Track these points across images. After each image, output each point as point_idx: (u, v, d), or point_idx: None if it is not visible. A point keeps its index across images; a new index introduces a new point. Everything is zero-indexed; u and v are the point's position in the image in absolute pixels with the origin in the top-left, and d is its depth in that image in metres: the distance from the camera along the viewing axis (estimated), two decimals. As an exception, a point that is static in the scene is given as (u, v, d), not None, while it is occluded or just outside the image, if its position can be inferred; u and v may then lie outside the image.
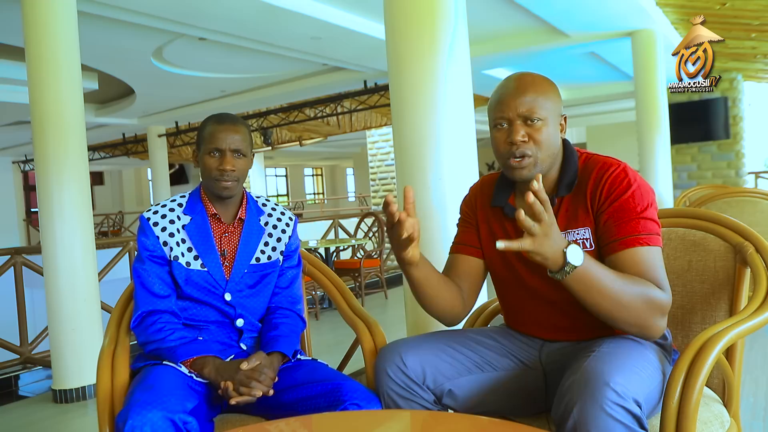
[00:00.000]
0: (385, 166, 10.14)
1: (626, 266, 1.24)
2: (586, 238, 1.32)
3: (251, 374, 1.39)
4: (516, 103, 1.31)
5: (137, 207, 19.29)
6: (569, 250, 1.14)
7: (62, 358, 3.39)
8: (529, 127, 1.31)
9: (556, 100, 1.35)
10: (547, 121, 1.32)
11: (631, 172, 1.31)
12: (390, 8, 2.42)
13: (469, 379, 1.37)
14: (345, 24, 5.26)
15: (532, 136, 1.31)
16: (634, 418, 1.06)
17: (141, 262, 1.54)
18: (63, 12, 3.34)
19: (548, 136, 1.32)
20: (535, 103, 1.30)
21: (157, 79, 7.23)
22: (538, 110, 1.30)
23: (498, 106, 1.34)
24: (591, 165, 1.36)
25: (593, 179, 1.33)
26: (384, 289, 6.31)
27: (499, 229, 1.45)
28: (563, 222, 1.35)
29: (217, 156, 1.54)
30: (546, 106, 1.32)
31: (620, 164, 1.33)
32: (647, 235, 1.26)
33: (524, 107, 1.30)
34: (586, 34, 6.06)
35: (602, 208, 1.30)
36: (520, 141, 1.30)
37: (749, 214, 3.67)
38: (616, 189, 1.29)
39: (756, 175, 9.94)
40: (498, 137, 1.35)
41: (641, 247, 1.25)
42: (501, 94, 1.35)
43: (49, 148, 3.31)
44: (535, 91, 1.32)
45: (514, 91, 1.32)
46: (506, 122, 1.33)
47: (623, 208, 1.27)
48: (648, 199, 1.28)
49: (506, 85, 1.36)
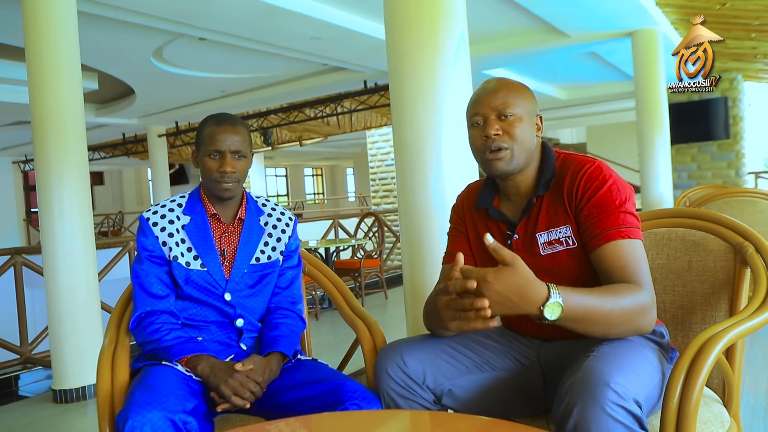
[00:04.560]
0: (385, 166, 10.13)
1: (609, 260, 1.26)
2: (568, 236, 1.34)
3: (244, 382, 1.39)
4: (490, 99, 1.37)
5: (137, 207, 19.29)
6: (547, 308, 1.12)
7: (62, 358, 3.39)
8: (503, 122, 1.36)
9: (531, 101, 1.40)
10: (521, 117, 1.36)
11: (606, 169, 1.33)
12: (390, 8, 2.42)
13: (469, 379, 1.37)
14: (345, 24, 5.26)
15: (506, 131, 1.35)
16: (634, 418, 1.06)
17: (140, 263, 1.54)
18: (63, 12, 3.34)
19: (523, 132, 1.36)
20: (508, 98, 1.36)
21: (157, 79, 7.23)
22: (511, 106, 1.36)
23: (474, 105, 1.41)
24: (567, 164, 1.38)
25: (569, 177, 1.35)
26: (384, 289, 6.30)
27: (484, 231, 1.45)
28: (544, 221, 1.37)
29: (217, 158, 1.55)
30: (519, 103, 1.37)
31: (595, 161, 1.35)
32: (628, 228, 1.27)
33: (498, 101, 1.36)
34: (586, 34, 6.06)
35: (580, 205, 1.31)
36: (493, 134, 1.35)
37: (749, 214, 3.67)
38: (592, 185, 1.31)
39: (756, 175, 9.95)
40: (474, 134, 1.40)
41: (623, 240, 1.26)
42: (476, 95, 1.42)
43: (49, 148, 3.31)
44: (508, 90, 1.38)
45: (489, 90, 1.39)
46: (481, 119, 1.38)
47: (601, 203, 1.29)
48: (625, 194, 1.30)
49: (482, 87, 1.42)
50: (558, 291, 1.14)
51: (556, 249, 1.35)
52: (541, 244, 1.36)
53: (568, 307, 1.14)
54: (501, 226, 1.44)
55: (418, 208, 2.34)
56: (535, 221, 1.38)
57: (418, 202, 2.35)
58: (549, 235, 1.35)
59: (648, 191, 5.92)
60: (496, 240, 1.35)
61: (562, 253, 1.34)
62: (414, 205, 2.36)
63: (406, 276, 2.40)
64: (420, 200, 2.33)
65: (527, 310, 1.13)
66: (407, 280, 2.39)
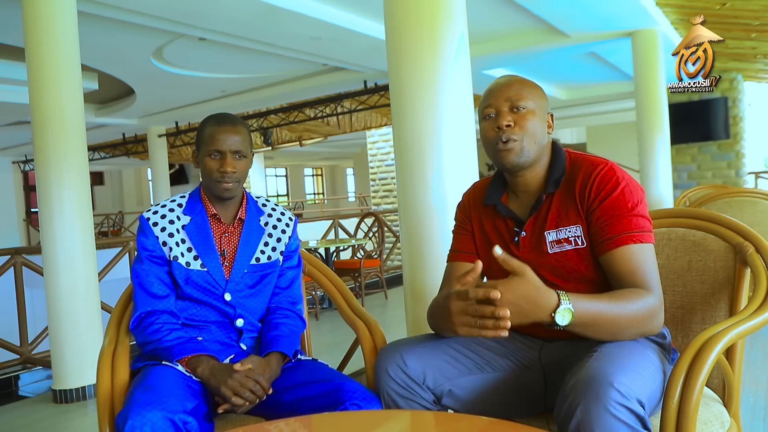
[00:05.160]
0: (385, 166, 10.13)
1: (619, 265, 1.26)
2: (578, 236, 1.34)
3: (244, 381, 1.39)
4: (503, 91, 1.38)
5: (137, 207, 19.29)
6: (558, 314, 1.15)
7: (62, 358, 3.39)
8: (516, 114, 1.36)
9: (543, 97, 1.41)
10: (534, 111, 1.37)
11: (618, 171, 1.33)
12: (390, 8, 2.42)
13: (469, 380, 1.37)
14: (345, 24, 5.26)
15: (518, 123, 1.36)
16: (637, 418, 1.06)
17: (140, 263, 1.54)
18: (63, 12, 3.34)
19: (534, 126, 1.36)
20: (521, 92, 1.37)
21: (157, 79, 7.23)
22: (524, 99, 1.37)
23: (486, 98, 1.41)
24: (579, 164, 1.38)
25: (581, 178, 1.35)
26: (384, 289, 6.30)
27: (491, 228, 1.46)
28: (553, 220, 1.37)
29: (217, 158, 1.55)
30: (532, 97, 1.38)
31: (607, 163, 1.35)
32: (639, 232, 1.27)
33: (511, 93, 1.37)
34: (586, 34, 6.05)
35: (592, 207, 1.31)
36: (505, 125, 1.35)
37: (749, 214, 3.67)
38: (605, 187, 1.31)
39: (756, 175, 9.94)
40: (486, 126, 1.40)
41: (633, 244, 1.27)
42: (489, 88, 1.43)
43: (49, 148, 3.31)
44: (522, 84, 1.40)
45: (502, 83, 1.41)
46: (494, 111, 1.39)
47: (614, 205, 1.29)
48: (638, 196, 1.30)
49: (495, 82, 1.44)
50: (568, 297, 1.16)
51: (564, 248, 1.34)
52: (549, 243, 1.36)
53: (578, 313, 1.16)
54: (509, 223, 1.44)
55: (418, 208, 2.34)
56: (544, 219, 1.38)
57: (418, 202, 2.34)
58: (558, 233, 1.35)
59: (648, 191, 5.91)
60: (503, 235, 1.36)
61: (570, 253, 1.34)
62: (414, 205, 2.36)
63: (406, 276, 2.40)
64: (420, 200, 2.33)
65: (539, 317, 1.15)
66: (407, 280, 2.39)
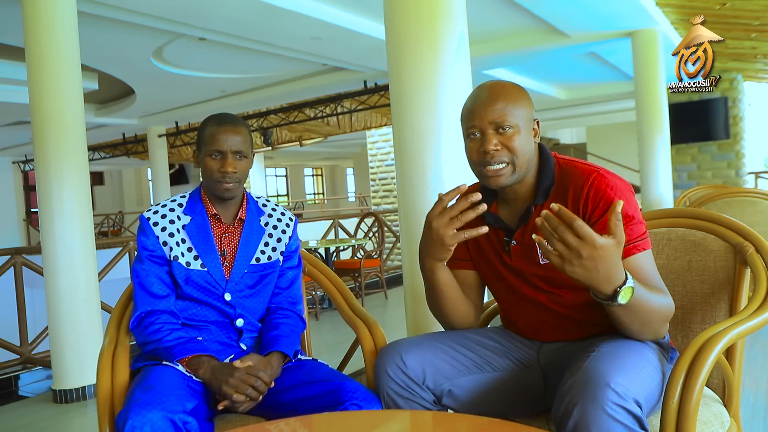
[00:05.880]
0: (385, 166, 10.13)
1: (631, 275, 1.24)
2: None
3: (245, 378, 1.39)
4: (487, 111, 1.32)
5: (137, 207, 19.29)
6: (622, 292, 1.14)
7: (62, 358, 3.39)
8: (501, 135, 1.32)
9: (528, 107, 1.36)
10: (519, 128, 1.32)
11: (610, 178, 1.30)
12: (390, 8, 2.42)
13: (469, 380, 1.37)
14: (345, 24, 5.26)
15: (505, 144, 1.32)
16: (634, 418, 1.06)
17: (140, 262, 1.54)
18: (63, 12, 3.33)
19: (521, 143, 1.32)
20: (505, 110, 1.31)
21: (157, 79, 7.23)
22: (509, 118, 1.31)
23: (470, 116, 1.35)
24: (568, 173, 1.35)
25: (573, 189, 1.32)
26: (384, 289, 6.31)
27: (482, 237, 1.43)
28: None
29: (218, 158, 1.55)
30: (517, 113, 1.32)
31: (596, 171, 1.31)
32: (641, 239, 1.27)
33: (495, 115, 1.31)
34: (586, 34, 6.05)
35: (591, 221, 1.28)
36: (492, 150, 1.31)
37: (749, 214, 3.67)
38: (601, 199, 1.27)
39: (756, 175, 9.94)
40: (471, 147, 1.36)
41: (639, 253, 1.26)
42: (472, 104, 1.36)
43: (49, 148, 3.31)
44: (506, 99, 1.33)
45: (485, 100, 1.33)
46: (478, 131, 1.34)
47: None
48: (632, 203, 1.29)
49: (477, 95, 1.37)
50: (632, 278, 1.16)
51: None
52: (540, 253, 1.34)
53: (636, 295, 1.16)
54: (499, 233, 1.42)
55: (418, 208, 2.34)
56: (534, 230, 1.35)
57: (418, 202, 2.34)
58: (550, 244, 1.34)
59: (648, 191, 5.92)
60: (494, 243, 1.35)
61: None
62: (414, 205, 2.36)
63: (406, 276, 2.40)
64: (420, 200, 2.33)
65: (602, 287, 1.14)
66: (407, 280, 2.39)
